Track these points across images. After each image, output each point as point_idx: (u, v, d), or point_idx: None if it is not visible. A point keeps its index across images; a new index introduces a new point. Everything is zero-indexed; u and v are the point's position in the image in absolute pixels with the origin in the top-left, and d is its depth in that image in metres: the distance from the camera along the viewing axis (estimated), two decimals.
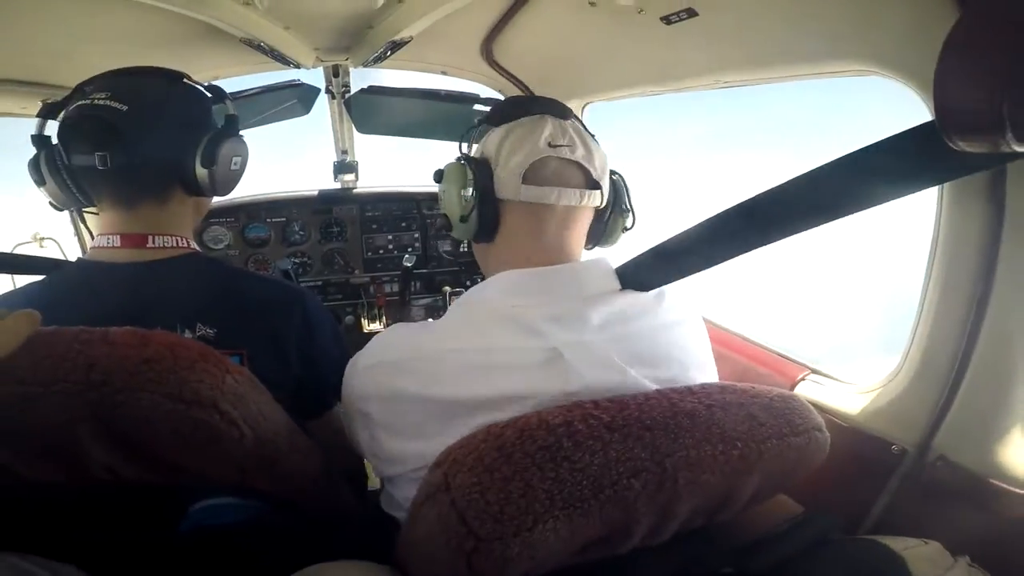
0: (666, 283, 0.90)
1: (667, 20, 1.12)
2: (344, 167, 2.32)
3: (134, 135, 0.92)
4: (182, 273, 0.97)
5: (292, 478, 0.87)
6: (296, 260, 2.21)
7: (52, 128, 0.99)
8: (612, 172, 0.99)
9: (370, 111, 2.09)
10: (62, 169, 0.96)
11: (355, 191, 2.33)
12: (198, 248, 1.04)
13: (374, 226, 2.29)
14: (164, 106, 0.97)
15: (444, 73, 1.99)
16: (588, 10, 1.23)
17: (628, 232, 1.05)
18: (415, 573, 0.72)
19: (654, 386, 0.80)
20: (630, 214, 1.04)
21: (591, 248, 1.02)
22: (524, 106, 0.96)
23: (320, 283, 2.24)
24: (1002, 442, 0.84)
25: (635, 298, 0.88)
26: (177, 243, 0.99)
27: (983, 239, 0.79)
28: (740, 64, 1.14)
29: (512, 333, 0.81)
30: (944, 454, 0.89)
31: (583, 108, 1.92)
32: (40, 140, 0.99)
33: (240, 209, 2.16)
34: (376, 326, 2.22)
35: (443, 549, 0.63)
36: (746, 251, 0.76)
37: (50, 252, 1.65)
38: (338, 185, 2.35)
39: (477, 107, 2.00)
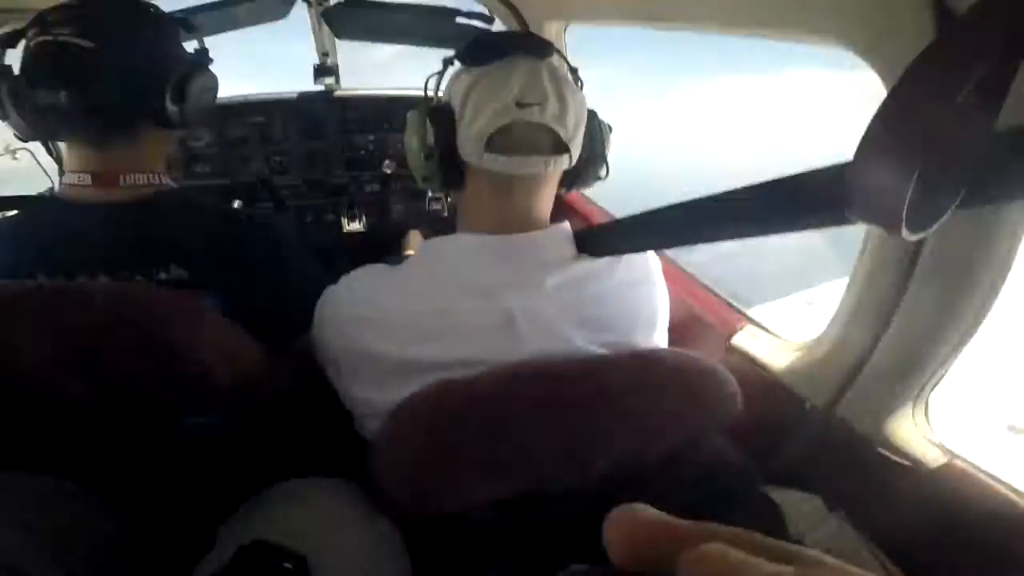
0: (620, 252, 0.92)
1: None
2: (324, 70, 2.28)
3: (101, 74, 0.91)
4: (156, 214, 0.98)
5: (270, 402, 0.95)
6: (276, 160, 2.21)
7: (13, 57, 0.95)
8: (591, 115, 0.94)
9: (349, 20, 2.02)
10: (25, 103, 0.92)
11: (337, 93, 2.30)
12: (171, 183, 1.04)
13: (355, 127, 2.27)
14: (132, 42, 0.95)
15: None
16: None
17: (601, 180, 1.03)
18: (377, 498, 0.81)
19: (599, 350, 0.86)
20: (604, 164, 1.00)
21: (563, 192, 1.01)
22: (497, 45, 0.89)
23: (300, 182, 2.25)
24: (896, 413, 0.93)
25: (591, 263, 0.90)
26: (150, 179, 1.00)
27: None
28: (719, 14, 1.13)
29: (469, 296, 0.84)
30: (845, 417, 0.98)
31: (564, 29, 1.88)
32: (1, 69, 0.95)
33: (219, 109, 2.09)
34: (356, 225, 2.27)
35: (394, 489, 0.77)
36: (698, 242, 0.81)
37: (24, 163, 1.61)
38: (320, 87, 2.31)
39: (460, 20, 1.96)
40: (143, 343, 0.74)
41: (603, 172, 1.02)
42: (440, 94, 0.93)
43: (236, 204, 2.14)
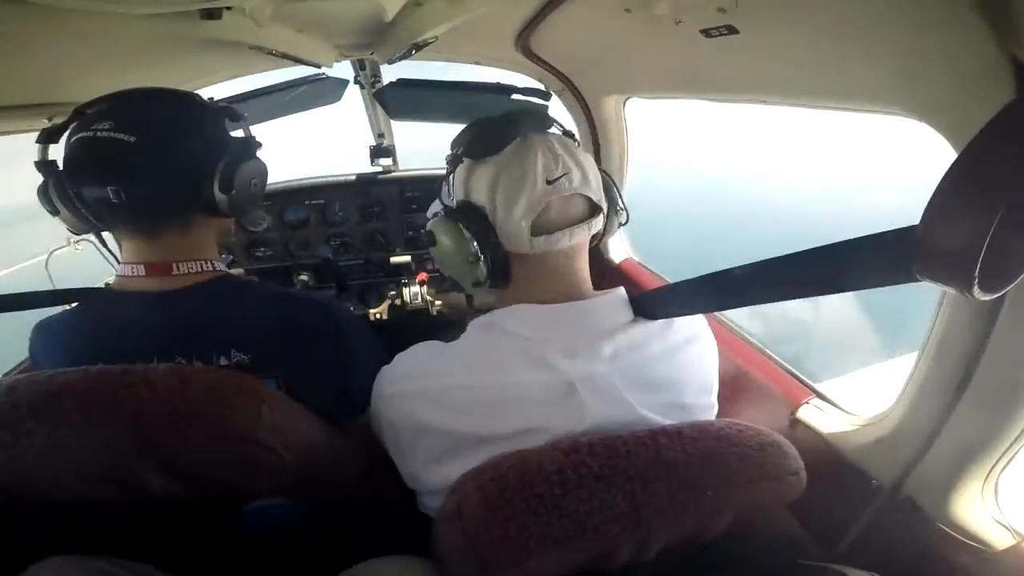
0: (676, 315, 0.93)
1: (707, 33, 1.03)
2: (381, 151, 2.31)
3: (147, 168, 0.89)
4: (212, 299, 0.97)
5: (336, 483, 0.94)
6: (336, 242, 2.24)
7: (56, 151, 0.94)
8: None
9: (402, 101, 2.00)
10: (73, 199, 0.91)
11: (393, 174, 2.31)
12: (225, 268, 1.03)
13: (414, 206, 2.29)
14: (175, 133, 0.93)
15: (477, 63, 1.88)
16: (624, 16, 1.13)
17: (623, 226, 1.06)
18: (446, 574, 0.81)
19: (657, 417, 0.86)
20: (624, 211, 1.03)
21: (593, 245, 1.00)
22: (501, 131, 0.89)
23: (362, 261, 2.28)
24: (964, 493, 0.89)
25: (646, 326, 0.91)
26: (202, 267, 0.98)
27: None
28: (777, 87, 1.08)
29: (527, 368, 0.83)
30: (911, 496, 0.95)
31: (624, 102, 1.80)
32: (45, 167, 0.95)
33: (278, 194, 2.18)
34: (419, 302, 2.24)
35: (459, 564, 0.76)
36: (754, 304, 0.82)
37: (85, 255, 1.65)
38: (377, 169, 2.33)
39: (516, 96, 1.89)
40: (208, 427, 0.75)
41: (624, 218, 1.04)
42: (453, 196, 0.92)
43: (303, 277, 2.16)
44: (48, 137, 0.95)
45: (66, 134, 0.92)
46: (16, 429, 0.70)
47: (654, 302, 0.92)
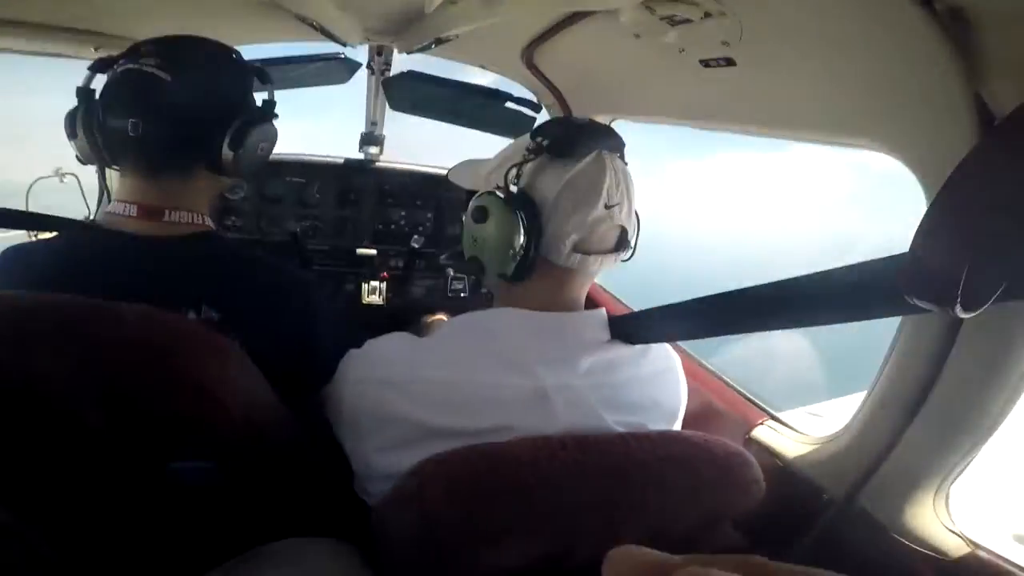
0: (652, 342, 0.96)
1: (705, 63, 1.15)
2: (371, 139, 2.34)
3: (172, 107, 0.94)
4: (194, 255, 0.98)
5: (272, 452, 0.92)
6: (307, 223, 2.20)
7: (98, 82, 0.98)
8: None
9: (406, 93, 2.13)
10: (95, 127, 0.96)
11: (376, 164, 2.34)
12: (212, 225, 1.05)
13: (389, 200, 2.28)
14: (208, 81, 0.98)
15: (482, 67, 2.04)
16: (631, 41, 1.26)
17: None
18: (384, 561, 0.79)
19: (623, 431, 0.86)
20: (631, 250, 1.01)
21: None
22: (583, 137, 0.89)
23: (327, 247, 2.22)
24: (917, 504, 0.93)
25: (622, 349, 0.93)
26: (193, 219, 1.00)
27: (945, 321, 0.85)
28: (766, 118, 1.19)
29: (507, 371, 0.84)
30: (865, 508, 0.98)
31: (610, 122, 1.92)
32: (84, 93, 0.98)
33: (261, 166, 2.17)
34: (375, 298, 2.23)
35: (411, 549, 0.73)
36: (729, 333, 0.88)
37: (70, 188, 1.65)
38: (362, 156, 2.36)
39: (509, 105, 2.06)
40: (166, 369, 0.74)
41: (626, 255, 1.01)
42: (519, 183, 0.90)
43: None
44: (101, 66, 0.99)
45: (114, 67, 0.96)
46: None
47: (631, 326, 0.94)
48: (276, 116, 1.08)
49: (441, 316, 1.98)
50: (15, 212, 1.07)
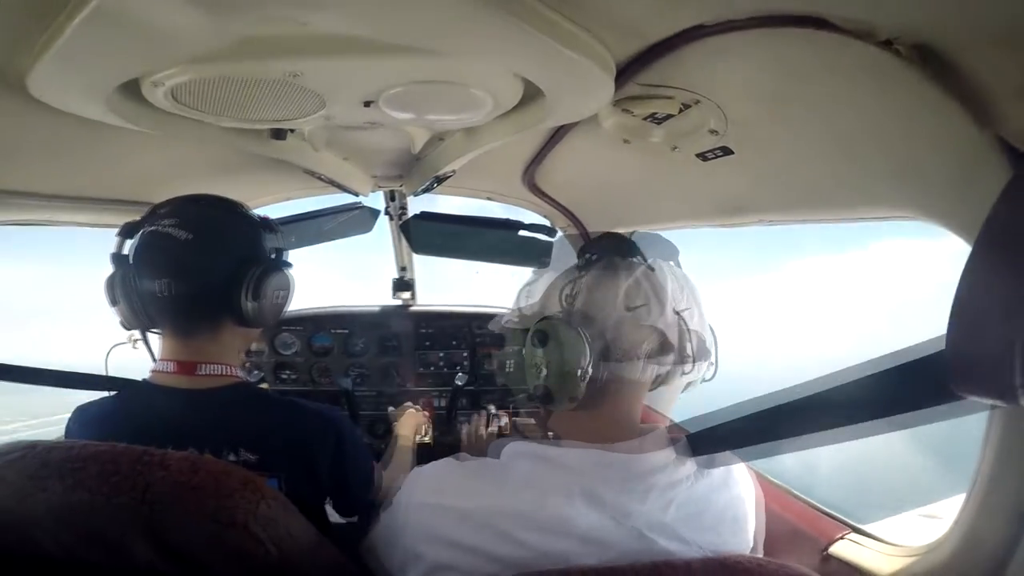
0: (715, 452, 0.91)
1: (703, 157, 1.14)
2: (402, 284, 2.50)
3: (196, 266, 1.03)
4: (229, 403, 1.08)
5: None
6: (354, 372, 2.37)
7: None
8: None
9: (425, 234, 2.21)
10: (133, 292, 1.05)
11: (411, 308, 2.48)
12: (243, 376, 1.13)
13: (427, 343, 2.43)
14: (224, 237, 1.07)
15: (489, 199, 2.10)
16: (623, 147, 1.26)
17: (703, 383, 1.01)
18: None
19: (695, 551, 0.85)
20: (713, 367, 0.99)
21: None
22: (631, 247, 0.96)
23: (375, 393, 2.37)
24: None
25: (687, 466, 0.91)
26: (223, 371, 1.09)
27: None
28: (779, 203, 1.15)
29: (579, 504, 0.83)
30: None
31: (629, 235, 1.92)
32: (119, 259, 1.08)
33: (309, 320, 2.37)
34: (421, 438, 2.17)
35: None
36: (798, 449, 0.78)
37: (141, 353, 1.82)
38: (397, 302, 2.51)
39: (524, 233, 2.08)
40: (209, 510, 0.79)
41: (710, 374, 1.00)
42: (576, 302, 0.92)
43: None
44: (127, 231, 1.09)
45: (139, 231, 1.06)
46: (40, 484, 0.78)
47: (696, 441, 0.92)
48: (290, 265, 1.16)
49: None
50: (86, 375, 1.31)
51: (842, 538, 1.17)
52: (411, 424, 1.90)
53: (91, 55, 0.76)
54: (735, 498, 0.95)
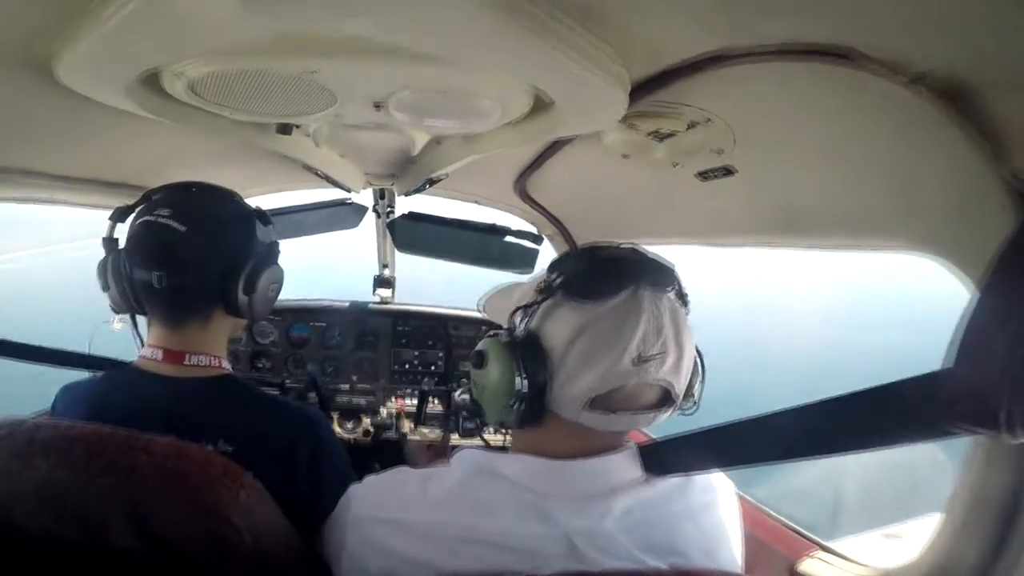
0: (688, 471, 0.83)
1: (703, 176, 1.14)
2: (383, 282, 2.51)
3: (190, 258, 1.02)
4: (213, 394, 1.08)
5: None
6: (329, 365, 2.39)
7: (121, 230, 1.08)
8: None
9: (410, 234, 2.23)
10: (124, 279, 1.04)
11: (390, 306, 2.48)
12: (229, 368, 1.13)
13: (403, 340, 2.44)
14: (218, 228, 1.06)
15: (477, 203, 2.12)
16: (621, 160, 1.26)
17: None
18: None
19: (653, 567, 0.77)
20: (694, 405, 0.85)
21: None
22: (613, 274, 0.75)
23: (347, 386, 2.38)
24: None
25: (660, 484, 0.82)
26: (211, 362, 1.09)
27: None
28: (777, 227, 1.14)
29: (523, 518, 0.77)
30: None
31: None
32: (110, 243, 1.08)
33: (288, 311, 2.37)
34: (391, 434, 2.28)
35: None
36: (780, 460, 0.74)
37: (124, 333, 1.82)
38: (376, 298, 2.52)
39: (509, 239, 2.11)
40: (190, 496, 0.80)
41: (689, 409, 0.86)
42: (526, 324, 0.80)
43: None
44: (119, 215, 1.08)
45: (132, 216, 1.05)
46: (26, 463, 0.79)
47: (665, 456, 0.84)
48: (279, 255, 1.16)
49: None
50: (72, 353, 1.30)
51: (810, 555, 1.17)
52: None
53: (126, 43, 0.75)
54: (722, 519, 0.87)
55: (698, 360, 0.83)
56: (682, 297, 0.80)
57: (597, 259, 0.79)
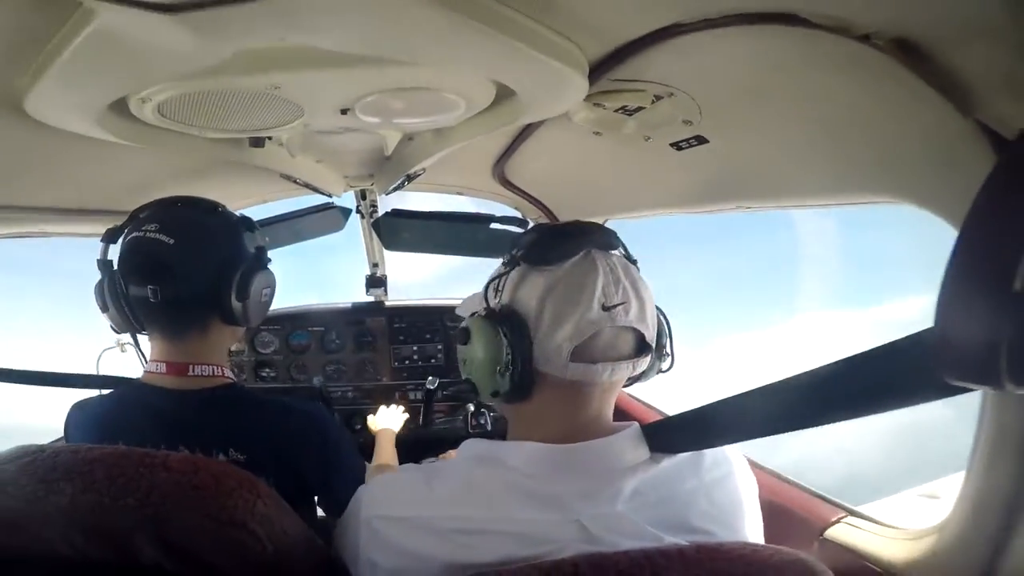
0: (695, 449, 0.85)
1: (677, 146, 1.14)
2: (375, 281, 2.51)
3: (181, 269, 1.03)
4: (219, 404, 1.10)
5: None
6: (331, 368, 2.40)
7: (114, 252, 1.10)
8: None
9: (396, 231, 2.23)
10: (121, 298, 1.07)
11: (384, 304, 2.50)
12: (232, 377, 1.16)
13: (401, 337, 2.45)
14: (206, 238, 1.08)
15: (460, 194, 2.14)
16: (595, 138, 1.28)
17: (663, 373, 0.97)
18: None
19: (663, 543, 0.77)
20: (669, 357, 0.95)
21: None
22: (564, 240, 0.84)
23: (351, 388, 2.41)
24: None
25: (669, 462, 0.83)
26: (214, 372, 1.11)
27: None
28: (756, 190, 1.15)
29: (535, 506, 0.79)
30: None
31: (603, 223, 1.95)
32: (104, 265, 1.10)
33: (286, 318, 2.39)
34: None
35: None
36: (783, 431, 0.73)
37: (130, 356, 1.83)
38: (370, 298, 2.53)
39: (495, 226, 2.12)
40: (210, 509, 0.82)
41: (666, 364, 0.96)
42: (499, 298, 0.86)
43: None
44: (110, 236, 1.11)
45: (123, 237, 1.08)
46: (50, 487, 0.81)
47: (671, 435, 0.86)
48: (270, 260, 1.18)
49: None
50: (83, 375, 1.39)
51: (838, 521, 1.14)
52: (385, 419, 1.97)
53: (86, 75, 0.77)
54: (737, 489, 0.88)
55: (661, 316, 0.92)
56: (628, 257, 0.89)
57: (550, 231, 0.90)
